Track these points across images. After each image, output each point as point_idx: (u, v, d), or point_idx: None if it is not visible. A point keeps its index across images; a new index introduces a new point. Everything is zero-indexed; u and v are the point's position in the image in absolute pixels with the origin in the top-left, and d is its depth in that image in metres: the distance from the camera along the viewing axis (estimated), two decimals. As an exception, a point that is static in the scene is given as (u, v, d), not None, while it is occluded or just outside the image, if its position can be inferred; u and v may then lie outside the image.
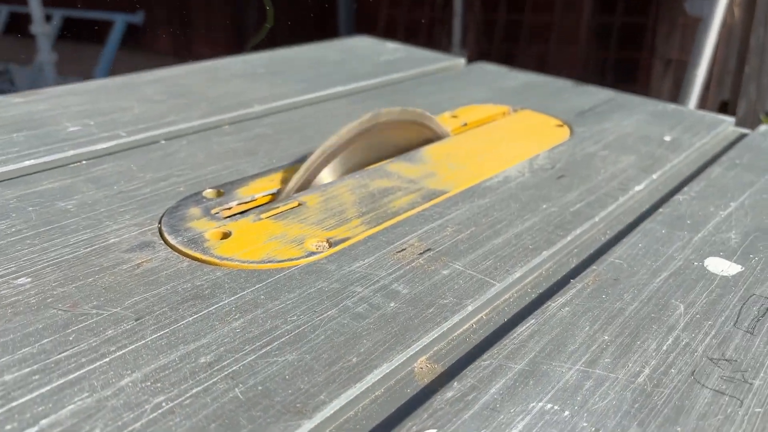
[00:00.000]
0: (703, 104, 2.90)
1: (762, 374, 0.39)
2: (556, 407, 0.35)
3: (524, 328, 0.42)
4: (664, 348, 0.41)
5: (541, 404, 0.35)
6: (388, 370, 0.38)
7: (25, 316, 0.40)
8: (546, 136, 0.77)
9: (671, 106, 0.90)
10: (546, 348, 0.40)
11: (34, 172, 0.60)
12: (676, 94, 2.88)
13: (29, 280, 0.44)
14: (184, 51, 5.12)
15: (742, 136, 0.83)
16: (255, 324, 0.40)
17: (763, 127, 0.84)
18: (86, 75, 5.49)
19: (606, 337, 0.41)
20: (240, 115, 0.77)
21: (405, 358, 0.39)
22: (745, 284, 0.48)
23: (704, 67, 2.67)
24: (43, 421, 0.32)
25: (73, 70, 5.63)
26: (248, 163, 0.64)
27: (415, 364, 0.40)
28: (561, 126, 0.80)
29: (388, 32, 3.80)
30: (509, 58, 3.48)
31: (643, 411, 0.35)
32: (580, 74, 3.30)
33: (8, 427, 0.32)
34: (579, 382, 0.37)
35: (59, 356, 0.37)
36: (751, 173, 0.68)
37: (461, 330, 0.43)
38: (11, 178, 0.59)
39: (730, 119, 0.87)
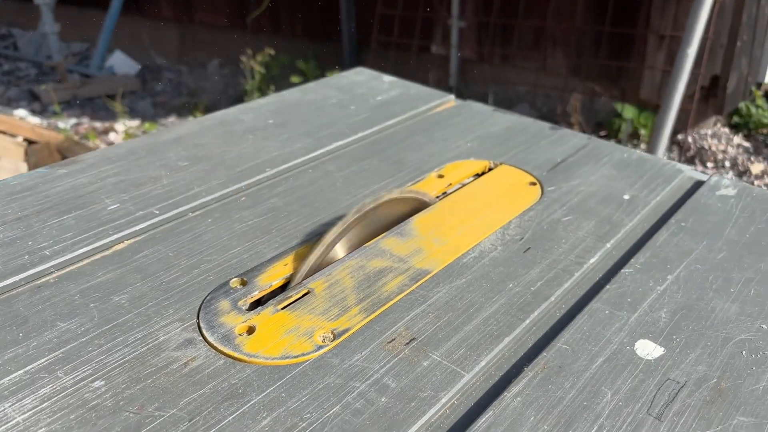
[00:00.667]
0: (695, 80, 2.98)
1: (660, 459, 0.52)
2: (501, 496, 0.48)
3: (484, 419, 0.55)
4: (589, 436, 0.54)
5: (490, 493, 0.49)
6: (379, 462, 0.51)
7: (106, 420, 0.53)
8: (519, 197, 0.88)
9: (636, 154, 1.01)
10: (498, 440, 0.53)
11: (88, 258, 0.73)
12: (670, 69, 2.95)
13: (103, 383, 0.57)
14: (185, 17, 5.14)
15: (697, 186, 0.94)
16: (279, 422, 0.54)
17: (714, 179, 0.95)
18: (90, 41, 5.53)
19: (546, 427, 0.54)
20: (255, 182, 0.89)
21: (392, 450, 0.52)
22: (664, 368, 0.61)
23: (695, 46, 2.74)
24: None
25: (76, 36, 5.65)
26: (265, 243, 0.77)
27: (401, 451, 0.53)
28: (534, 184, 0.92)
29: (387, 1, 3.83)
30: (506, 31, 3.53)
31: (564, 498, 0.48)
32: (577, 49, 3.36)
33: None
34: (520, 471, 0.50)
35: (137, 458, 0.50)
36: (692, 239, 0.80)
37: (436, 417, 0.56)
38: (71, 265, 0.72)
39: (687, 168, 0.98)
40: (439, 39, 3.73)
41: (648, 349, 0.63)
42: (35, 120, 4.26)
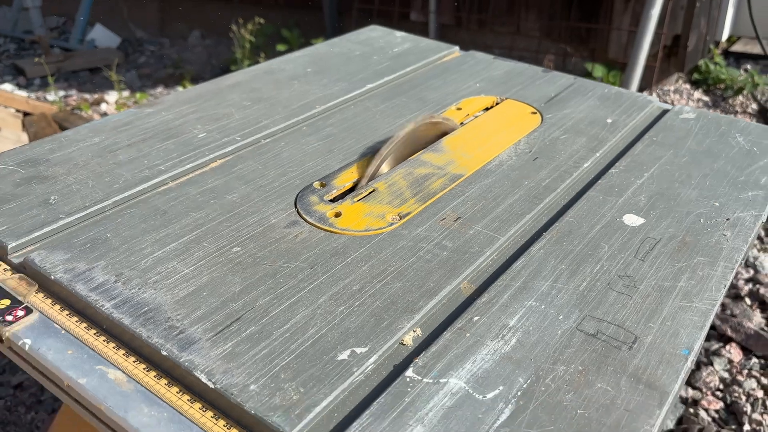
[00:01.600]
0: (658, 40, 3.21)
1: (644, 282, 0.74)
2: (537, 303, 0.70)
3: (519, 263, 0.76)
4: (595, 270, 0.76)
5: (530, 302, 0.70)
6: (448, 289, 0.72)
7: (250, 270, 0.73)
8: (525, 123, 1.09)
9: (615, 90, 1.22)
10: (531, 273, 0.75)
11: (193, 172, 0.92)
12: (635, 29, 3.18)
13: (240, 248, 0.77)
14: (163, -10, 5.21)
15: (663, 113, 1.16)
16: (374, 268, 0.74)
17: (678, 107, 1.17)
18: (66, 15, 5.57)
19: (563, 267, 0.76)
20: (310, 116, 1.09)
21: (456, 282, 0.73)
22: (644, 231, 0.83)
23: (658, 7, 2.97)
24: (287, 324, 0.66)
25: (51, 11, 5.68)
26: (331, 159, 0.97)
27: (461, 285, 0.74)
28: (535, 113, 1.13)
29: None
30: (483, 1, 3.72)
31: (581, 304, 0.70)
32: (549, 12, 3.57)
33: (276, 327, 0.66)
34: (549, 290, 0.72)
35: (281, 289, 0.71)
36: (662, 149, 1.02)
37: (485, 264, 0.78)
38: (182, 177, 0.91)
39: (655, 99, 1.20)
40: (418, 6, 3.90)
41: (632, 220, 0.85)
42: (23, 94, 4.34)
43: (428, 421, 0.57)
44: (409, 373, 0.62)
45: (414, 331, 0.67)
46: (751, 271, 2.18)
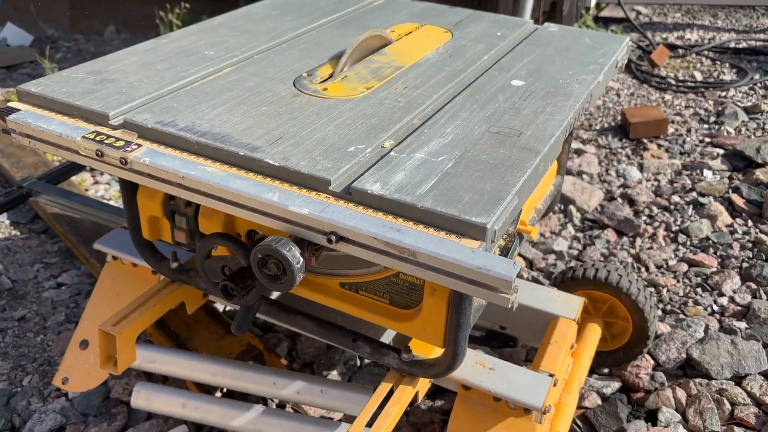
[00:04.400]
0: (538, 5, 3.75)
1: (525, 110, 1.19)
2: (461, 122, 1.14)
3: (448, 106, 1.20)
4: (495, 107, 1.20)
5: (457, 122, 1.14)
6: (406, 120, 1.14)
7: (279, 117, 1.13)
8: (440, 38, 1.53)
9: (502, 17, 1.68)
10: (456, 110, 1.18)
11: (217, 73, 1.30)
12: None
13: (267, 108, 1.16)
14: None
15: (535, 30, 1.63)
16: (357, 113, 1.16)
17: (546, 24, 1.64)
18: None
19: (476, 106, 1.20)
20: (286, 39, 1.48)
21: (411, 117, 1.16)
22: (525, 87, 1.28)
23: (536, -24, 3.49)
24: (312, 138, 1.06)
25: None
26: (310, 62, 1.37)
27: (413, 120, 1.16)
28: (447, 32, 1.57)
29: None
30: None
31: (488, 121, 1.14)
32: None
33: (306, 140, 1.06)
34: (468, 116, 1.16)
35: (302, 125, 1.10)
36: (535, 47, 1.49)
37: (430, 108, 1.20)
38: (209, 76, 1.28)
39: (530, 21, 1.67)
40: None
41: (517, 83, 1.30)
42: (-56, 90, 4.42)
43: (407, 169, 0.99)
44: (392, 153, 1.04)
45: (389, 141, 1.09)
46: (623, 180, 2.73)
